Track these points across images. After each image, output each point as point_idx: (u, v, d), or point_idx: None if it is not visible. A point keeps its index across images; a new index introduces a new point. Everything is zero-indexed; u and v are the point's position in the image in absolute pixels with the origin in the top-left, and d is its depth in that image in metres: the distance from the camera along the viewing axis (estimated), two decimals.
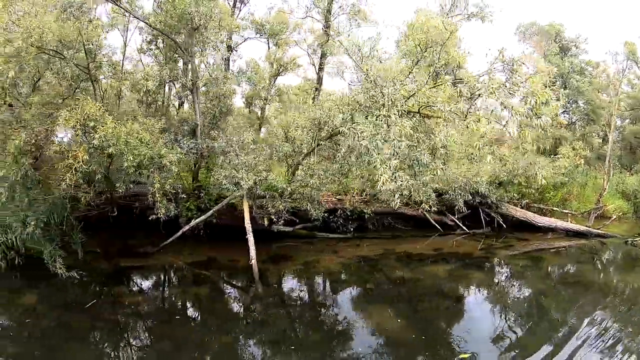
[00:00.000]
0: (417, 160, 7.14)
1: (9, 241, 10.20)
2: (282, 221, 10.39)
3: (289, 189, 10.02)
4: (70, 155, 8.38)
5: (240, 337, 7.08)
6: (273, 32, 14.94)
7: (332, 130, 9.16)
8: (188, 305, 8.60)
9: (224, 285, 9.71)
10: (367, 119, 7.26)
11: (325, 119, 9.03)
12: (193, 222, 10.83)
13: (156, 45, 10.74)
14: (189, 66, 10.52)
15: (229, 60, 14.28)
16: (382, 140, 6.77)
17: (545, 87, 7.09)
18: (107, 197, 11.12)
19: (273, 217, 10.07)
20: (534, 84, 7.11)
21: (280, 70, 18.14)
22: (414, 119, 7.76)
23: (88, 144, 8.72)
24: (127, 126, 8.69)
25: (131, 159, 8.29)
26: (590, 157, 14.58)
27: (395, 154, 6.79)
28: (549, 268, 11.51)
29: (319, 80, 17.23)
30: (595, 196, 14.36)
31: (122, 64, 11.68)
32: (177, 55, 11.04)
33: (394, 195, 7.06)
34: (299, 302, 8.90)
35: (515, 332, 7.02)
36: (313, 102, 16.84)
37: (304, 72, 17.96)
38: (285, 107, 19.13)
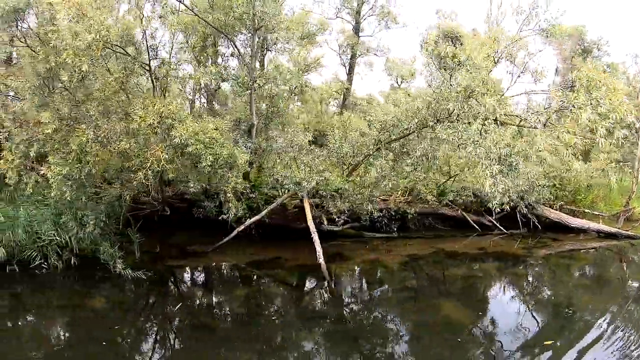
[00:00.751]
0: (511, 165, 7.49)
1: (64, 241, 10.08)
2: (342, 220, 10.56)
3: (350, 189, 10.18)
4: (149, 153, 8.29)
5: (327, 335, 7.33)
6: (309, 33, 15.03)
7: (401, 133, 9.39)
8: (265, 304, 8.78)
9: (293, 284, 9.94)
10: (469, 125, 7.58)
11: (396, 122, 9.26)
12: (248, 222, 10.89)
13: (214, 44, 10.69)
14: (250, 65, 10.54)
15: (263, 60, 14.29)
16: (488, 147, 7.15)
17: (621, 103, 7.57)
18: (164, 197, 11.01)
19: (335, 216, 10.22)
20: (611, 100, 7.58)
21: (305, 70, 18.17)
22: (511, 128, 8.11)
23: (163, 142, 8.67)
24: (202, 125, 8.68)
25: (210, 158, 8.28)
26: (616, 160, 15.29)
27: (496, 159, 7.16)
28: (585, 266, 12.21)
29: (350, 81, 17.42)
30: (621, 199, 15.11)
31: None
32: (231, 55, 11.04)
33: (495, 197, 7.42)
34: (373, 298, 9.25)
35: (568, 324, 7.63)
36: (344, 104, 17.03)
37: (334, 74, 18.12)
38: (308, 107, 19.18)
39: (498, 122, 7.92)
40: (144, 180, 8.25)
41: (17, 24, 9.91)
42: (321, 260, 9.59)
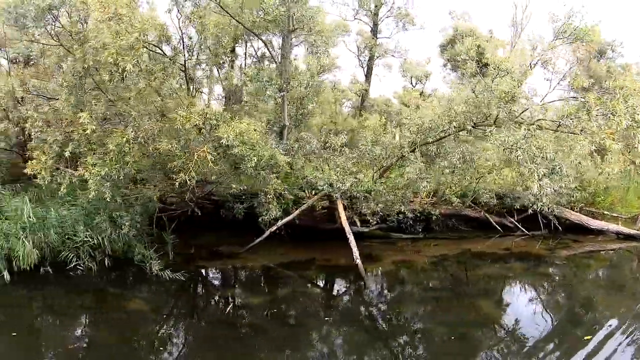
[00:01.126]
0: (554, 168, 7.69)
1: (96, 242, 9.99)
2: (375, 221, 10.69)
3: (384, 190, 10.31)
4: (195, 154, 8.29)
5: (369, 334, 7.46)
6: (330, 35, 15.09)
7: (437, 136, 9.53)
8: (304, 305, 8.90)
9: (329, 284, 10.13)
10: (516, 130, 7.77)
11: (433, 125, 9.40)
12: (280, 222, 10.91)
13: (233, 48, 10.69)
14: (283, 67, 10.60)
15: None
16: (536, 151, 7.36)
17: None
18: (195, 197, 10.99)
19: (369, 217, 10.34)
20: None
21: (319, 71, 18.20)
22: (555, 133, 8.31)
23: (205, 143, 8.67)
24: (243, 126, 8.71)
25: (254, 160, 8.32)
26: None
27: (541, 163, 7.37)
28: (610, 267, 12.48)
29: (368, 82, 17.51)
30: (638, 201, 15.44)
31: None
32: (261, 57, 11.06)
33: (541, 200, 7.62)
34: (410, 298, 9.43)
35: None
36: (362, 105, 17.13)
37: (352, 75, 18.20)
38: (322, 108, 19.19)
39: (540, 127, 8.11)
40: (188, 181, 8.23)
41: (51, 21, 9.77)
42: (358, 261, 9.70)
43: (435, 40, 20.11)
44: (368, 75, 17.56)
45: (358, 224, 11.07)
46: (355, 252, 9.81)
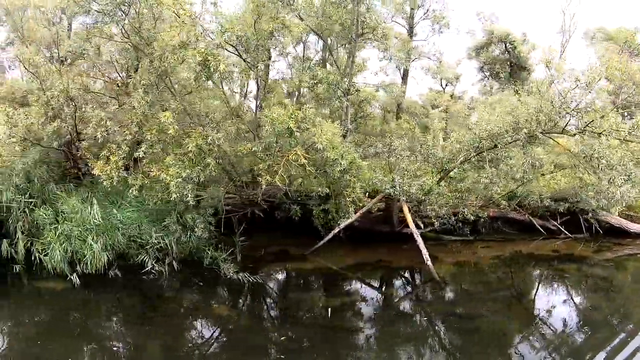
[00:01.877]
0: (629, 175, 8.31)
1: (164, 245, 10.07)
2: (438, 223, 11.14)
3: (448, 193, 10.76)
4: (284, 156, 8.55)
5: (458, 332, 7.93)
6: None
7: (505, 142, 10.02)
8: (386, 307, 9.19)
9: (402, 286, 10.52)
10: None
11: (500, 132, 9.89)
12: (342, 225, 11.19)
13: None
14: (348, 70, 10.93)
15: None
16: (616, 160, 7.98)
17: None
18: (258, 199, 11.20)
19: (434, 219, 10.77)
20: None
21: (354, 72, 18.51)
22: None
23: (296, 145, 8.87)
24: (331, 129, 9.01)
25: (343, 163, 8.64)
26: None
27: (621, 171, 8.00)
28: None
29: (404, 84, 17.93)
30: None
31: None
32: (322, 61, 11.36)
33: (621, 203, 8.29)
34: (481, 297, 9.77)
35: None
36: (399, 107, 17.55)
37: (388, 76, 18.54)
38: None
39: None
40: (279, 183, 8.49)
41: (121, 17, 9.81)
42: (429, 263, 10.13)
43: (461, 42, 20.65)
44: (404, 78, 18.02)
45: (422, 225, 11.48)
46: (425, 254, 10.23)
